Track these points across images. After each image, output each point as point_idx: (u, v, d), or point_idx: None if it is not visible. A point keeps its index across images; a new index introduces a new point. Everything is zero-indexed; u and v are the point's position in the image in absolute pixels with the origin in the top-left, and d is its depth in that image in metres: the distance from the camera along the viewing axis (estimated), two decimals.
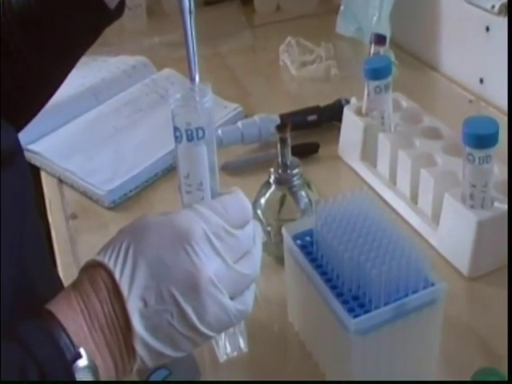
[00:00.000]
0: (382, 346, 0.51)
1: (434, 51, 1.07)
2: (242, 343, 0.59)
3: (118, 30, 1.36)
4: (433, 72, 1.08)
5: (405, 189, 0.75)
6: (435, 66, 1.08)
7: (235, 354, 0.59)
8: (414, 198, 0.74)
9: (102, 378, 0.43)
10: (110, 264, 0.45)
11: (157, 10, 1.38)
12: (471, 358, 0.58)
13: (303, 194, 0.67)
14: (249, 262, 0.49)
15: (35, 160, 0.89)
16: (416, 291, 0.50)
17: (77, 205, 0.83)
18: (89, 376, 0.42)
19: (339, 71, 1.09)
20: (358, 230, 0.53)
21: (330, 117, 0.92)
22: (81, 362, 0.42)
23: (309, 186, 0.68)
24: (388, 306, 0.49)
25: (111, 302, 0.44)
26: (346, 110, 0.85)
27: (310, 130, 0.92)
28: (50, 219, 0.80)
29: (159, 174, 0.86)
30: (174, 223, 0.46)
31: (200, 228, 0.46)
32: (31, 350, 0.41)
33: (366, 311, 0.49)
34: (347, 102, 0.91)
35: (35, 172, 0.88)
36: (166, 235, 0.46)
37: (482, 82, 0.96)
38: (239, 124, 0.89)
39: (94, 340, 0.43)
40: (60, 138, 0.92)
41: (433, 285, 0.51)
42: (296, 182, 0.66)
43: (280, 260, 0.63)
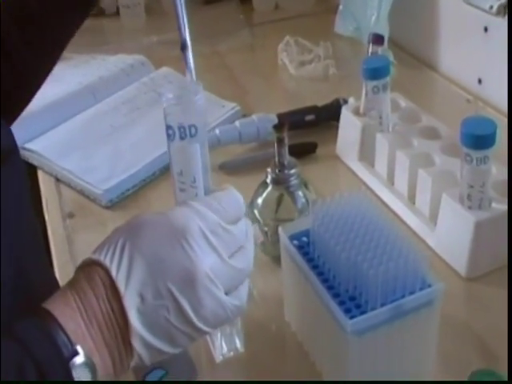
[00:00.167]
0: (379, 347, 0.51)
1: (432, 51, 1.07)
2: (238, 343, 0.58)
3: (116, 29, 1.38)
4: (431, 72, 1.08)
5: (403, 189, 0.75)
6: (434, 65, 1.08)
7: (232, 354, 0.59)
8: (411, 198, 0.74)
9: (99, 374, 0.43)
10: (107, 261, 0.45)
11: (155, 8, 1.38)
12: (469, 358, 0.58)
13: (300, 193, 0.66)
14: (243, 256, 0.49)
15: (32, 159, 0.89)
16: (413, 292, 0.50)
17: (74, 204, 0.82)
18: (86, 373, 0.42)
19: (337, 71, 1.09)
20: (355, 231, 0.53)
21: (328, 116, 0.92)
22: (78, 360, 0.42)
23: (306, 185, 0.67)
24: (385, 306, 0.49)
25: (108, 298, 0.44)
26: (343, 110, 0.85)
27: (308, 130, 0.92)
28: (47, 218, 0.80)
29: (157, 173, 0.85)
30: (169, 220, 0.47)
31: (196, 224, 0.46)
32: (29, 349, 0.41)
33: (363, 312, 0.49)
34: (345, 102, 0.91)
35: (32, 171, 0.88)
36: (161, 231, 0.46)
37: (480, 82, 0.96)
38: (237, 123, 0.89)
39: (91, 337, 0.44)
40: (57, 136, 0.92)
41: (430, 286, 0.51)
42: (293, 181, 0.66)
43: (277, 260, 0.63)
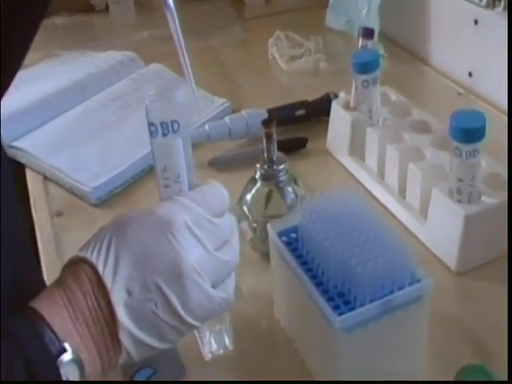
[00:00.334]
0: (368, 343, 0.51)
1: (423, 44, 1.07)
2: (227, 341, 0.58)
3: (106, 25, 1.37)
4: (422, 65, 1.07)
5: (393, 183, 0.74)
6: (425, 59, 1.07)
7: (221, 351, 0.58)
8: (402, 192, 0.73)
9: (87, 371, 0.44)
10: (93, 258, 0.45)
11: (145, 3, 1.37)
12: (460, 352, 0.58)
13: (290, 189, 0.66)
14: (229, 249, 0.49)
15: (20, 157, 0.88)
16: (402, 287, 0.50)
17: (62, 202, 0.81)
18: (74, 370, 0.43)
19: (328, 65, 1.08)
20: (343, 226, 0.52)
21: (319, 111, 0.91)
22: (66, 356, 0.42)
23: (295, 181, 0.67)
24: (374, 302, 0.48)
25: (95, 294, 0.44)
26: (333, 104, 0.84)
27: (299, 125, 0.91)
28: (35, 217, 0.79)
29: (146, 170, 0.84)
30: (154, 215, 0.47)
31: (181, 217, 0.46)
32: (17, 346, 0.41)
33: (352, 308, 0.49)
34: (335, 96, 0.90)
35: (20, 169, 0.87)
36: (147, 226, 0.46)
37: (470, 75, 0.95)
38: (226, 119, 0.88)
39: (78, 334, 0.44)
40: (45, 134, 0.91)
41: (419, 281, 0.50)
42: (282, 177, 0.65)
43: (266, 256, 0.63)
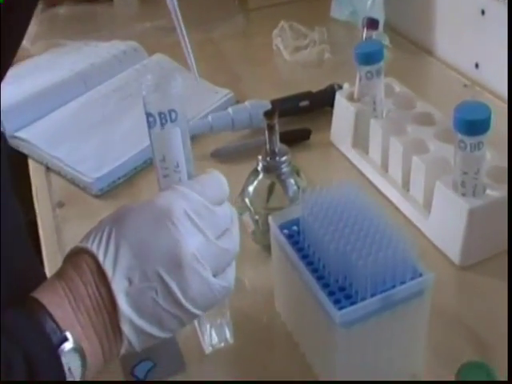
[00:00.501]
0: (369, 338, 0.50)
1: (429, 35, 1.06)
2: (227, 334, 0.58)
3: (109, 15, 1.36)
4: (428, 56, 1.06)
5: (396, 176, 0.74)
6: (430, 50, 1.06)
7: (222, 345, 0.58)
8: (405, 185, 0.73)
9: (89, 360, 0.44)
10: (94, 248, 0.45)
11: None
12: (460, 348, 0.57)
13: (292, 181, 0.65)
14: (229, 238, 0.49)
15: (22, 147, 0.88)
16: (403, 282, 0.49)
17: (64, 193, 0.81)
18: (76, 358, 0.43)
19: (333, 56, 1.07)
20: (344, 220, 0.52)
21: (323, 102, 0.90)
22: (67, 346, 0.42)
23: (298, 173, 0.66)
24: (374, 297, 0.48)
25: (96, 284, 0.45)
26: (337, 96, 0.83)
27: (302, 116, 0.90)
28: (37, 207, 0.79)
29: (148, 162, 0.84)
30: (154, 204, 0.47)
31: (180, 206, 0.47)
32: (17, 337, 0.41)
33: (353, 303, 0.48)
34: (340, 88, 0.89)
35: (22, 159, 0.87)
36: (146, 216, 0.46)
37: (477, 66, 0.94)
38: (230, 110, 0.87)
39: (80, 323, 0.44)
40: (48, 124, 0.90)
41: (420, 275, 0.50)
42: (284, 169, 0.64)
43: (268, 249, 0.62)
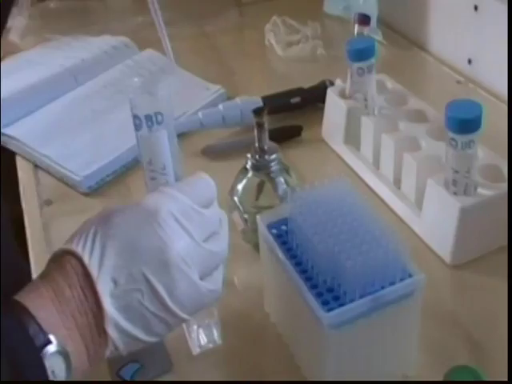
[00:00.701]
0: (358, 340, 0.49)
1: (422, 30, 1.05)
2: (215, 335, 0.57)
3: (101, 10, 1.35)
4: (422, 52, 1.05)
5: (388, 173, 0.73)
6: (424, 45, 1.05)
7: (210, 346, 0.57)
8: (397, 182, 0.72)
9: (73, 363, 0.43)
10: (79, 249, 0.45)
11: None
12: (453, 348, 0.57)
13: (282, 180, 0.64)
14: (217, 240, 0.49)
15: (10, 144, 0.86)
16: (393, 283, 0.48)
17: (52, 191, 0.80)
18: (60, 361, 0.42)
19: (326, 51, 1.06)
20: (334, 219, 0.51)
21: (314, 99, 0.89)
22: (51, 348, 0.42)
23: (288, 171, 0.65)
24: (363, 298, 0.47)
25: (81, 286, 0.44)
26: (329, 92, 0.83)
27: (294, 113, 0.90)
28: (24, 205, 0.78)
29: (137, 159, 0.83)
30: (140, 205, 0.47)
31: (167, 207, 0.46)
32: (0, 338, 0.40)
33: (341, 304, 0.47)
34: (331, 84, 0.89)
35: (11, 157, 0.86)
36: (133, 218, 0.46)
37: (470, 62, 0.94)
38: (220, 107, 0.86)
39: (64, 325, 0.43)
40: (36, 121, 0.89)
41: (411, 276, 0.49)
42: (274, 167, 0.64)
43: (258, 247, 0.61)
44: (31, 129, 0.87)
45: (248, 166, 0.64)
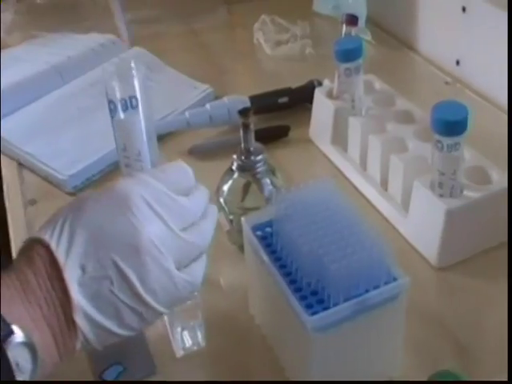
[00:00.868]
0: (342, 343, 0.49)
1: (411, 31, 1.05)
2: (200, 337, 0.56)
3: (89, 6, 1.33)
4: (410, 52, 1.05)
5: (375, 174, 0.73)
6: (413, 45, 1.05)
7: (194, 348, 0.57)
8: (384, 184, 0.72)
9: (41, 355, 0.42)
10: (46, 237, 0.43)
11: None
12: (439, 349, 0.56)
13: (268, 181, 0.64)
14: (197, 231, 0.47)
15: None
16: (378, 286, 0.48)
17: (37, 190, 0.79)
18: (25, 353, 0.41)
19: (315, 50, 1.06)
20: (318, 222, 0.50)
21: (302, 99, 0.89)
22: (14, 339, 0.40)
23: (274, 172, 0.65)
24: (347, 302, 0.47)
25: (48, 275, 0.42)
26: (317, 92, 0.82)
27: (281, 113, 0.89)
28: (8, 205, 0.77)
29: None
30: (111, 191, 0.45)
31: (138, 192, 0.45)
32: None
33: (325, 307, 0.47)
34: (320, 84, 0.88)
35: None
36: (103, 204, 0.45)
37: (458, 63, 0.93)
38: (207, 106, 0.86)
39: (30, 315, 0.42)
40: (21, 118, 0.88)
41: (395, 279, 0.49)
42: (260, 168, 0.63)
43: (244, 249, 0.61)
44: (15, 127, 0.86)
45: (234, 167, 0.64)
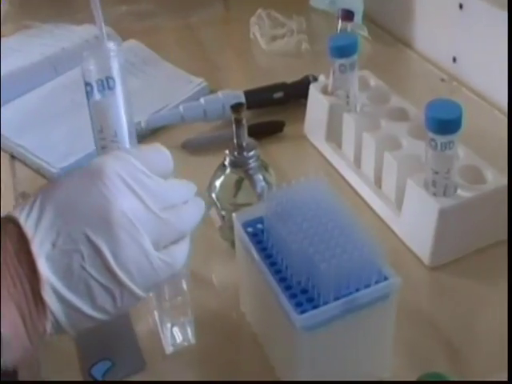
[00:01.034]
0: (332, 342, 0.49)
1: (408, 27, 1.04)
2: (190, 334, 0.56)
3: None
4: (407, 49, 1.05)
5: (369, 172, 0.72)
6: (409, 42, 1.05)
7: (185, 344, 0.56)
8: (377, 181, 0.71)
9: (7, 335, 0.40)
10: (16, 213, 0.42)
11: None
12: (429, 349, 0.56)
13: (260, 177, 0.63)
14: (177, 213, 0.46)
15: None
16: (368, 285, 0.48)
17: (29, 183, 0.78)
18: None
19: (311, 46, 1.05)
20: (309, 220, 0.50)
21: (297, 94, 0.88)
22: None
23: (266, 168, 0.64)
24: (337, 301, 0.46)
25: (15, 251, 0.41)
26: (311, 88, 0.82)
27: (276, 108, 0.89)
28: None
29: None
30: (85, 168, 0.44)
31: (112, 166, 0.44)
32: None
33: (315, 306, 0.47)
34: (315, 79, 0.88)
35: None
36: (77, 180, 0.44)
37: (454, 60, 0.93)
38: (202, 100, 0.85)
39: None
40: (14, 110, 0.87)
41: (386, 279, 0.48)
42: (252, 164, 0.62)
43: None
44: (8, 119, 0.86)
45: (226, 163, 0.63)
